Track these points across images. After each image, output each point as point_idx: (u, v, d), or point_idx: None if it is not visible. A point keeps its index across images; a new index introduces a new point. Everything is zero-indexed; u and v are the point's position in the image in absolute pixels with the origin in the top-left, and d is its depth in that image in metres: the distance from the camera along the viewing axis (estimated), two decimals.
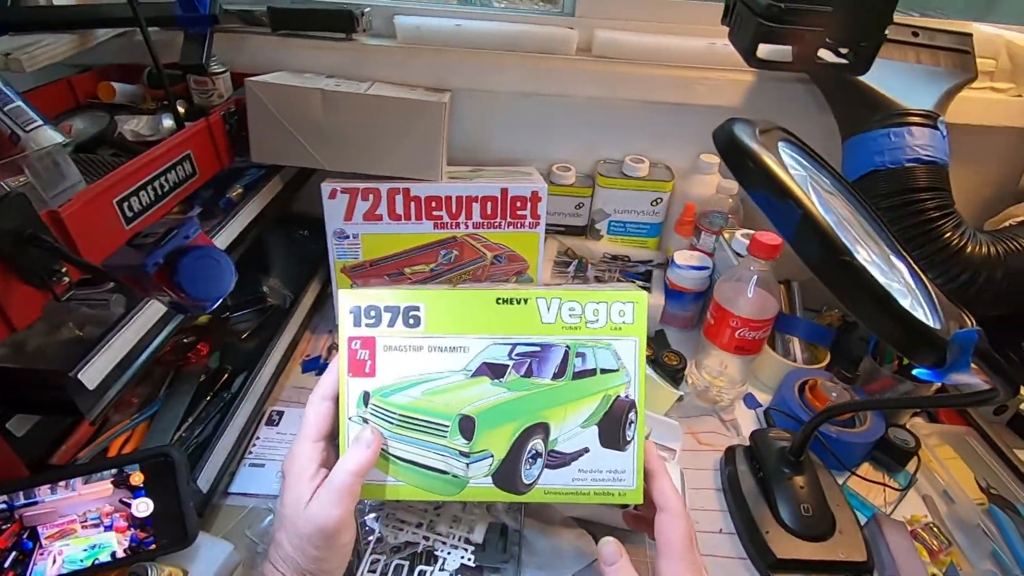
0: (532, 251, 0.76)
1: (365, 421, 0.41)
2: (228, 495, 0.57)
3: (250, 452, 0.61)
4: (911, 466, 0.65)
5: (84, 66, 0.78)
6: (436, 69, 0.81)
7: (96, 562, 0.45)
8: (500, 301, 0.41)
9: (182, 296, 0.32)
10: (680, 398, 0.70)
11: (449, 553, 0.51)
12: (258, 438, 0.63)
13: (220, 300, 0.34)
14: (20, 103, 0.61)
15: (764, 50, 0.63)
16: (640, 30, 0.84)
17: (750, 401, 0.74)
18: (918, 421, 0.73)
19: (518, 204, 0.73)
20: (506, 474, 0.42)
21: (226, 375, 0.64)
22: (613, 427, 0.42)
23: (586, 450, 0.43)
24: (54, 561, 0.44)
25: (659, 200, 0.86)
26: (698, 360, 0.74)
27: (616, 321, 0.42)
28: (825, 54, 0.63)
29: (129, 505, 0.46)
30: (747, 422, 0.71)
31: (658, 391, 0.70)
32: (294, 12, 0.80)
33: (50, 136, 0.61)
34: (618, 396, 0.42)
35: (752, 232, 0.74)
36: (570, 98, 0.84)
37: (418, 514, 0.54)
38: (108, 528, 0.46)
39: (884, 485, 0.64)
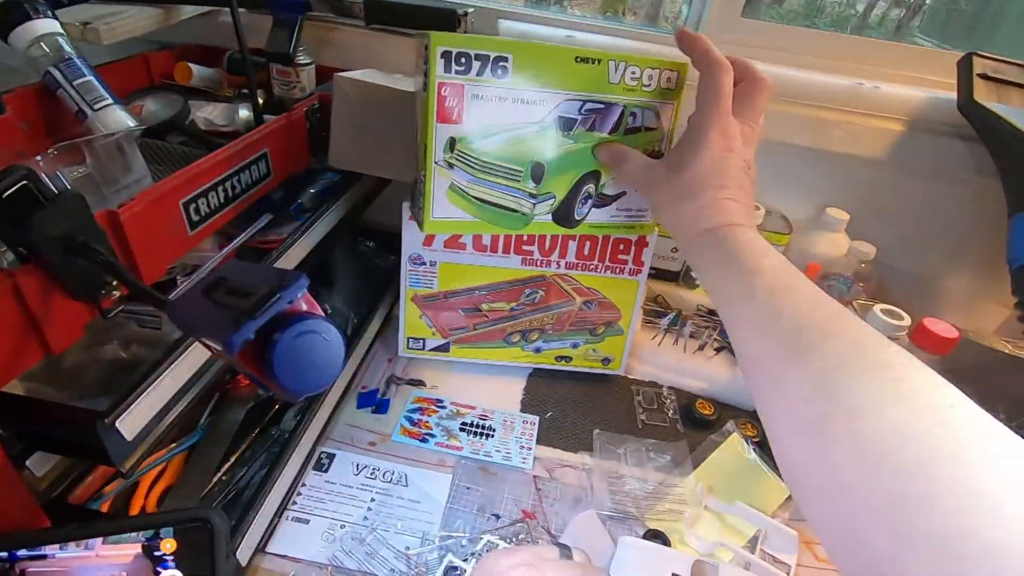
0: (628, 301, 0.66)
1: (451, 165, 0.46)
2: (264, 554, 0.49)
3: (294, 503, 0.52)
4: None
5: (161, 43, 0.72)
6: None
7: None
8: (578, 59, 0.46)
9: (271, 383, 0.23)
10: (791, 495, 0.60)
11: None
12: (304, 485, 0.54)
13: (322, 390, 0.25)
14: (91, 78, 0.55)
15: None
16: (770, 60, 0.74)
17: None
18: None
19: (621, 247, 0.63)
20: (563, 212, 0.51)
21: (276, 406, 0.56)
22: None
23: (624, 193, 0.53)
24: None
25: None
26: None
27: (664, 86, 0.49)
28: None
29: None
30: None
31: (765, 484, 0.59)
32: (392, 6, 0.72)
33: (119, 118, 0.55)
34: (654, 149, 0.52)
35: (892, 307, 0.63)
36: (678, 130, 0.75)
37: None
38: None
39: None
